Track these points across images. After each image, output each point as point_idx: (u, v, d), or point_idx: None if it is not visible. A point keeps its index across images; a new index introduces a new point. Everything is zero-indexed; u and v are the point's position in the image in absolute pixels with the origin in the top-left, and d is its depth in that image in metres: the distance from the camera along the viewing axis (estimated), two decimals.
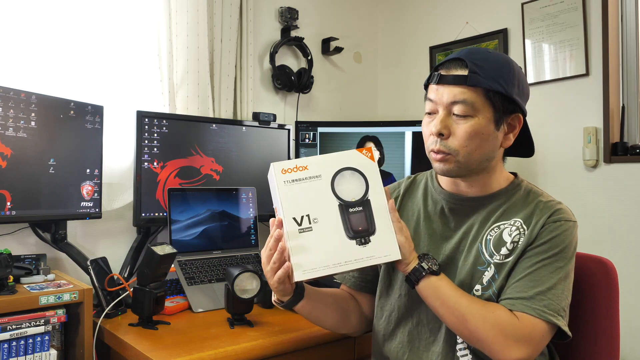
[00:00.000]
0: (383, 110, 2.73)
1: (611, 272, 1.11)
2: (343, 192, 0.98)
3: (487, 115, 0.98)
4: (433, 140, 1.01)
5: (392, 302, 1.12)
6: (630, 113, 1.90)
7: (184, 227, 1.68)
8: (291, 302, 1.06)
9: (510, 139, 1.04)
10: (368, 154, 1.01)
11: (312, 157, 1.00)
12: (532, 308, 0.94)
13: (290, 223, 0.96)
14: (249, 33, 2.11)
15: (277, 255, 0.96)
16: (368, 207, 0.98)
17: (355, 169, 1.00)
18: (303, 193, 0.97)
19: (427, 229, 1.10)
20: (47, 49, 1.65)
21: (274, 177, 0.97)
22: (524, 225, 1.01)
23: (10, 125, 1.35)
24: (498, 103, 0.98)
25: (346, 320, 1.18)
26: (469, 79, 0.97)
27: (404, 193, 1.18)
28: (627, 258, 1.79)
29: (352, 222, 0.97)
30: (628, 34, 1.92)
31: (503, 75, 0.98)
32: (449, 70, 1.00)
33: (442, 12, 2.45)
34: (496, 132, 1.00)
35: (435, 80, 1.01)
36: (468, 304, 0.96)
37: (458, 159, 1.00)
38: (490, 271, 1.01)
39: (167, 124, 1.77)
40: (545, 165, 2.04)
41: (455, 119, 0.99)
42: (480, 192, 1.07)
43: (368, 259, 0.96)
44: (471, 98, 0.97)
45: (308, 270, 0.95)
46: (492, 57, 1.01)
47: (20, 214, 1.39)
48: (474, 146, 0.99)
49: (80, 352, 1.33)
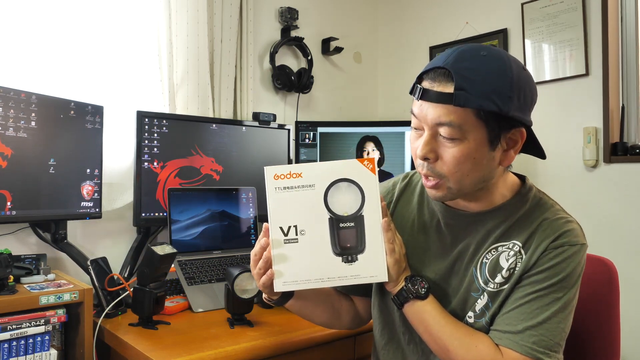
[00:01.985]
0: (383, 110, 2.73)
1: (612, 272, 1.11)
2: (336, 205, 0.93)
3: (479, 137, 0.85)
4: (420, 163, 0.91)
5: (385, 316, 1.08)
6: (630, 113, 1.90)
7: (184, 227, 1.68)
8: (279, 302, 1.05)
9: (511, 156, 0.91)
10: (369, 165, 0.94)
11: (308, 165, 0.94)
12: (519, 345, 0.86)
13: (276, 232, 0.93)
14: (249, 33, 2.11)
15: (262, 263, 0.94)
16: (360, 223, 0.93)
17: (353, 181, 0.93)
18: (293, 202, 0.93)
19: (422, 242, 1.03)
20: (47, 49, 1.65)
21: (266, 182, 0.94)
22: (522, 250, 0.92)
23: (10, 125, 1.35)
24: (492, 122, 0.84)
25: (337, 318, 1.15)
26: (455, 98, 0.82)
27: (398, 197, 1.10)
28: (628, 258, 1.79)
29: (340, 238, 0.93)
30: (628, 34, 1.92)
31: (497, 90, 0.82)
32: (432, 83, 0.86)
33: (442, 12, 2.45)
34: (491, 152, 0.87)
35: (417, 95, 0.88)
36: (451, 334, 0.91)
37: (450, 184, 0.89)
38: (484, 299, 0.93)
39: (167, 124, 1.77)
40: (545, 165, 2.04)
41: (442, 141, 0.86)
42: (480, 208, 0.97)
43: (353, 277, 0.93)
44: (459, 120, 0.83)
45: (289, 282, 0.93)
46: (485, 66, 0.84)
47: (21, 214, 1.39)
48: (466, 171, 0.87)
49: (80, 352, 1.33)
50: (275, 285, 0.94)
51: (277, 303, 1.06)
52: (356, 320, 1.18)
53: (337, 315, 1.15)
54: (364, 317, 1.19)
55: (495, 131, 0.86)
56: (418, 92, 0.88)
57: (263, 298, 1.08)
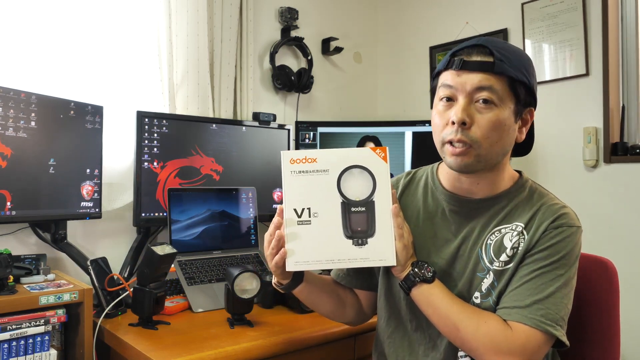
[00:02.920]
0: (383, 110, 2.73)
1: (611, 272, 1.11)
2: (348, 190, 0.97)
3: (510, 106, 0.94)
4: (451, 130, 0.94)
5: (391, 305, 1.10)
6: (630, 113, 1.90)
7: (184, 227, 1.68)
8: (289, 286, 1.07)
9: (523, 133, 1.00)
10: (382, 154, 0.99)
11: (323, 150, 0.99)
12: (529, 318, 0.90)
13: (290, 213, 0.97)
14: (249, 33, 2.11)
15: (275, 242, 0.98)
16: (371, 208, 0.97)
17: (365, 167, 0.98)
18: (308, 185, 0.97)
19: (428, 231, 1.06)
20: (47, 49, 1.65)
21: (283, 166, 0.98)
22: (524, 230, 0.97)
23: (10, 125, 1.35)
24: (521, 94, 0.94)
25: (342, 310, 1.17)
26: (495, 65, 0.91)
27: (402, 191, 1.13)
28: (628, 258, 1.79)
29: (352, 221, 0.97)
30: (628, 34, 1.92)
31: (525, 66, 0.95)
32: (470, 56, 0.94)
33: (442, 12, 2.45)
34: (514, 124, 0.96)
35: (456, 66, 0.94)
36: (459, 312, 0.94)
37: (479, 151, 0.93)
38: (490, 278, 0.97)
39: (167, 124, 1.77)
40: (545, 165, 2.04)
41: (478, 108, 0.93)
42: (484, 193, 1.02)
43: (362, 260, 0.96)
44: (497, 86, 0.92)
45: (300, 262, 0.96)
46: (512, 47, 0.97)
47: (20, 214, 1.39)
48: (496, 138, 0.93)
49: (80, 352, 1.33)
50: (287, 265, 0.97)
51: (286, 288, 1.08)
52: (360, 314, 1.20)
53: (342, 307, 1.17)
54: (367, 312, 1.21)
55: (521, 103, 0.96)
56: (458, 63, 0.94)
57: (273, 284, 1.10)
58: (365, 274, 1.17)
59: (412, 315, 1.05)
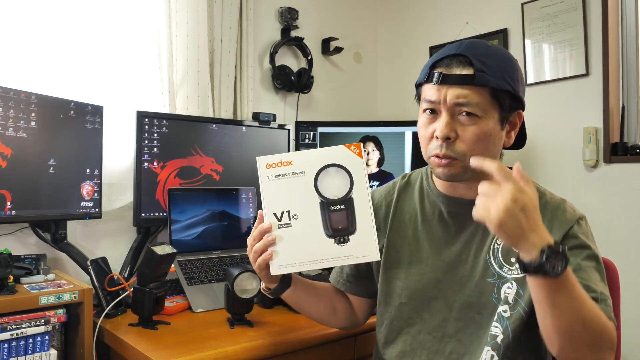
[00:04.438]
0: (383, 110, 2.73)
1: (612, 272, 1.11)
2: (326, 189, 0.98)
3: (494, 116, 0.93)
4: (437, 145, 0.94)
5: (392, 310, 1.08)
6: (630, 113, 1.90)
7: (184, 227, 1.68)
8: (277, 290, 1.07)
9: (511, 137, 0.99)
10: (356, 150, 0.99)
11: (298, 152, 1.00)
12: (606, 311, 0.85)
13: (270, 218, 0.98)
14: (249, 33, 2.11)
15: (261, 245, 0.98)
16: (350, 205, 0.97)
17: (341, 165, 0.98)
18: (285, 189, 0.98)
19: (427, 234, 1.06)
20: (47, 49, 1.65)
21: (259, 171, 0.99)
22: None
23: (10, 125, 1.35)
24: (505, 102, 0.93)
25: (333, 315, 1.17)
26: (476, 78, 0.90)
27: (398, 195, 1.12)
28: (628, 258, 1.79)
29: (332, 220, 0.97)
30: (628, 34, 1.92)
31: (509, 72, 0.93)
32: (450, 68, 0.92)
33: (442, 12, 2.45)
34: (501, 131, 0.95)
35: (436, 80, 0.93)
36: (590, 308, 0.81)
37: (465, 163, 0.92)
38: (513, 287, 0.94)
39: (167, 124, 1.77)
40: (545, 165, 2.04)
41: (461, 121, 0.92)
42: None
43: (346, 258, 0.97)
44: (478, 99, 0.90)
45: (284, 265, 0.97)
46: (495, 52, 0.94)
47: (20, 214, 1.39)
48: (482, 149, 0.92)
49: (80, 352, 1.33)
50: (271, 269, 0.97)
51: (274, 292, 1.08)
52: (352, 319, 1.19)
53: (333, 312, 1.16)
54: (360, 317, 1.20)
55: (507, 111, 0.94)
56: (437, 77, 0.93)
57: (262, 289, 1.10)
58: (365, 280, 1.16)
59: (415, 318, 1.04)
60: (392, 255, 1.09)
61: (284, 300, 1.11)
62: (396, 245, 1.09)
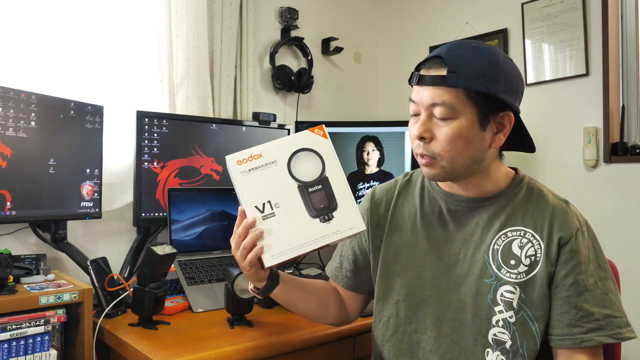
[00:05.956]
0: (383, 110, 2.73)
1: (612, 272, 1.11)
2: (300, 173, 1.00)
3: (470, 117, 0.92)
4: (417, 144, 0.97)
5: (389, 308, 1.08)
6: (630, 113, 1.90)
7: (184, 227, 1.68)
8: (266, 288, 1.07)
9: (500, 139, 0.97)
10: (320, 132, 1.03)
11: (265, 144, 1.01)
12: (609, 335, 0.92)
13: (252, 211, 0.98)
14: (249, 33, 2.11)
15: (249, 240, 0.97)
16: (327, 184, 1.00)
17: (310, 149, 1.01)
18: (261, 181, 0.99)
19: (425, 231, 1.06)
20: (47, 49, 1.65)
21: (231, 169, 1.00)
22: (536, 235, 0.97)
23: (10, 125, 1.35)
24: (481, 103, 0.92)
25: (324, 311, 1.17)
26: (447, 79, 0.91)
27: (399, 192, 1.13)
28: (628, 258, 1.79)
29: (313, 201, 0.99)
30: (628, 34, 1.92)
31: (485, 73, 0.92)
32: (428, 70, 0.95)
33: (442, 12, 2.45)
34: (482, 133, 0.94)
35: (415, 81, 0.97)
36: None
37: (442, 163, 0.95)
38: (516, 292, 0.95)
39: (167, 124, 1.77)
40: (545, 165, 2.04)
41: (436, 122, 0.94)
42: (477, 194, 1.02)
43: (334, 234, 0.98)
44: (451, 100, 0.92)
45: (277, 255, 0.97)
46: (475, 54, 0.94)
47: (20, 214, 1.39)
48: (458, 149, 0.93)
49: (80, 352, 1.33)
50: (265, 261, 0.97)
51: (263, 291, 1.07)
52: (343, 315, 1.19)
53: (324, 308, 1.16)
54: (352, 314, 1.20)
55: (485, 111, 0.93)
56: (415, 78, 0.97)
57: (250, 290, 1.09)
58: (363, 276, 1.17)
59: (412, 317, 1.04)
60: (390, 252, 1.09)
61: (274, 298, 1.11)
62: (395, 243, 1.09)
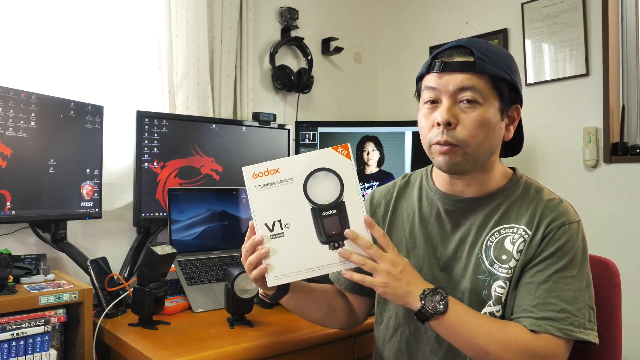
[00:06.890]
0: (383, 110, 2.73)
1: (613, 273, 1.11)
2: (316, 195, 0.94)
3: (495, 104, 0.94)
4: (437, 132, 0.94)
5: (390, 308, 1.09)
6: (630, 113, 1.90)
7: (184, 227, 1.68)
8: (275, 296, 1.06)
9: (510, 131, 1.00)
10: (344, 151, 0.95)
11: (284, 159, 0.95)
12: (559, 329, 0.89)
13: (262, 229, 0.94)
14: (249, 33, 2.11)
15: (254, 258, 0.95)
16: (342, 209, 0.94)
17: (329, 169, 0.95)
18: (274, 198, 0.94)
19: (423, 231, 1.06)
20: (47, 49, 1.65)
21: (246, 182, 0.95)
22: (527, 230, 0.96)
23: (10, 125, 1.35)
24: (505, 91, 0.95)
25: (332, 316, 1.16)
26: (477, 65, 0.92)
27: (397, 194, 1.14)
28: (629, 258, 1.79)
29: (325, 226, 0.94)
30: (628, 34, 1.92)
31: (507, 64, 0.95)
32: (451, 57, 0.95)
33: (442, 12, 2.45)
34: (501, 122, 0.96)
35: (437, 68, 0.95)
36: (485, 335, 0.90)
37: (466, 150, 0.93)
38: (506, 287, 0.95)
39: (167, 124, 1.77)
40: (545, 165, 2.04)
41: (462, 108, 0.93)
42: (477, 193, 1.01)
43: (341, 263, 0.94)
44: (479, 85, 0.92)
45: (280, 276, 0.94)
46: (493, 46, 0.98)
47: (20, 214, 1.39)
48: (482, 136, 0.93)
49: (80, 352, 1.33)
50: (268, 281, 0.95)
51: (272, 298, 1.07)
52: (351, 319, 1.19)
53: (333, 313, 1.16)
54: (360, 316, 1.20)
55: (506, 101, 0.96)
56: (439, 65, 0.95)
57: (259, 294, 1.09)
58: None
59: (411, 318, 1.04)
60: None
61: (283, 305, 1.10)
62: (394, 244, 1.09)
